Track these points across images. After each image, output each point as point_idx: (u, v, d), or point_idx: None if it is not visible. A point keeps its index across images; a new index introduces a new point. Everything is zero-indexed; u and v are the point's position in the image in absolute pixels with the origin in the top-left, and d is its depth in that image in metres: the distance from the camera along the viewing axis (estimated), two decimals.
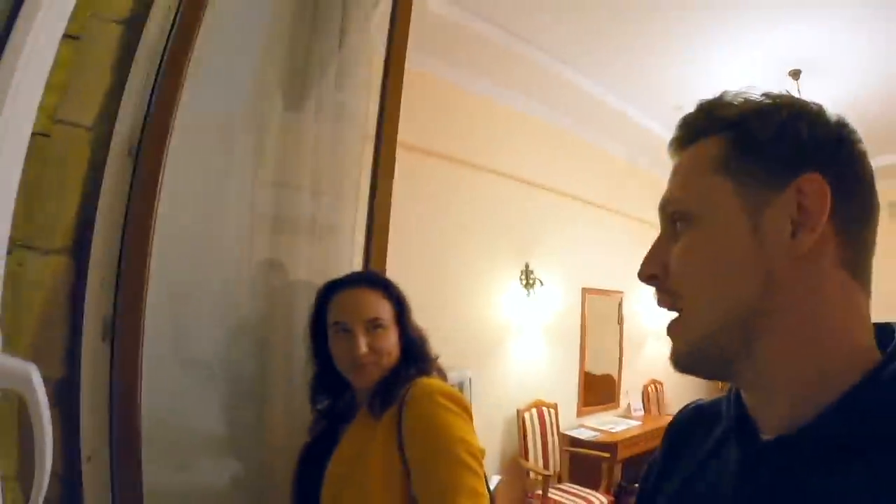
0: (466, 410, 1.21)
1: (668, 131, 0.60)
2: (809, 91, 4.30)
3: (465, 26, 3.62)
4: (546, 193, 4.89)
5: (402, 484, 1.15)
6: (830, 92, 4.50)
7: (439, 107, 3.96)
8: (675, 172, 0.58)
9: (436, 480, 1.11)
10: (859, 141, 0.53)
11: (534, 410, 4.57)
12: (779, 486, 0.48)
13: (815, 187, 0.49)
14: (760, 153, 0.52)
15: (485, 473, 1.15)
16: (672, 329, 0.55)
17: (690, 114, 0.58)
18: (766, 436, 0.52)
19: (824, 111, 0.54)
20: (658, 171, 5.69)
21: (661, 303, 0.56)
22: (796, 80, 4.31)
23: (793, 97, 0.55)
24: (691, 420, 0.67)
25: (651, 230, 0.60)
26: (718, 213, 0.52)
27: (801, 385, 0.49)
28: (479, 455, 1.15)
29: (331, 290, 1.33)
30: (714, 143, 0.54)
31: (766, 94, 0.55)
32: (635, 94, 4.72)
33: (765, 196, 0.51)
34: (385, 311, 1.29)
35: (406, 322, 1.32)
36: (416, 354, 1.31)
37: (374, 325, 1.27)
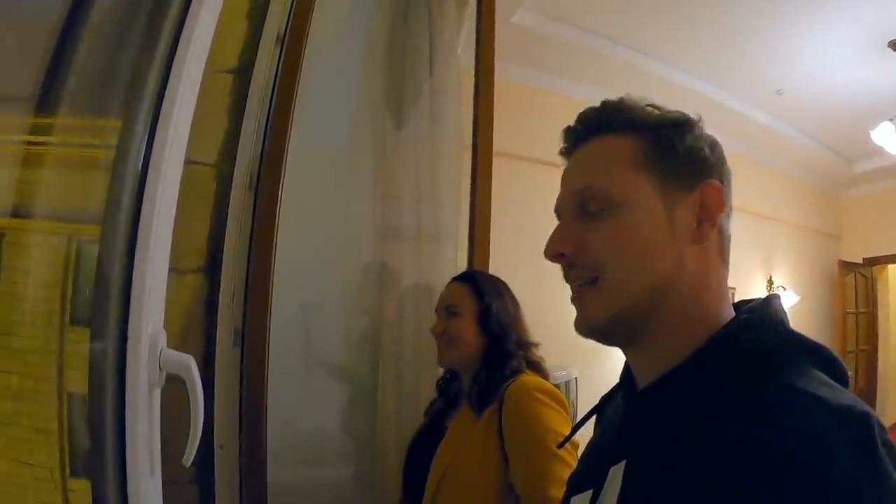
0: (562, 405, 1.30)
1: (771, 118, 0.64)
2: None
3: (551, 34, 3.67)
4: None
5: (500, 471, 1.27)
6: None
7: (527, 112, 4.01)
8: (586, 161, 0.65)
9: (529, 470, 1.22)
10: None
11: None
12: (643, 423, 0.60)
13: (715, 191, 0.61)
14: (678, 159, 0.61)
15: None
16: (586, 298, 0.62)
17: (592, 109, 0.66)
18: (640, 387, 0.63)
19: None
20: (774, 163, 5.40)
21: (573, 278, 0.63)
22: None
23: (682, 113, 0.65)
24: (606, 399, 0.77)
25: None
26: (642, 205, 0.60)
27: (675, 349, 0.58)
28: (571, 447, 1.22)
29: None
30: (628, 142, 0.62)
31: (653, 107, 0.65)
32: (732, 82, 4.43)
33: (678, 194, 0.61)
34: (464, 301, 1.40)
35: (489, 317, 1.39)
36: (496, 349, 1.37)
37: (449, 311, 1.40)
